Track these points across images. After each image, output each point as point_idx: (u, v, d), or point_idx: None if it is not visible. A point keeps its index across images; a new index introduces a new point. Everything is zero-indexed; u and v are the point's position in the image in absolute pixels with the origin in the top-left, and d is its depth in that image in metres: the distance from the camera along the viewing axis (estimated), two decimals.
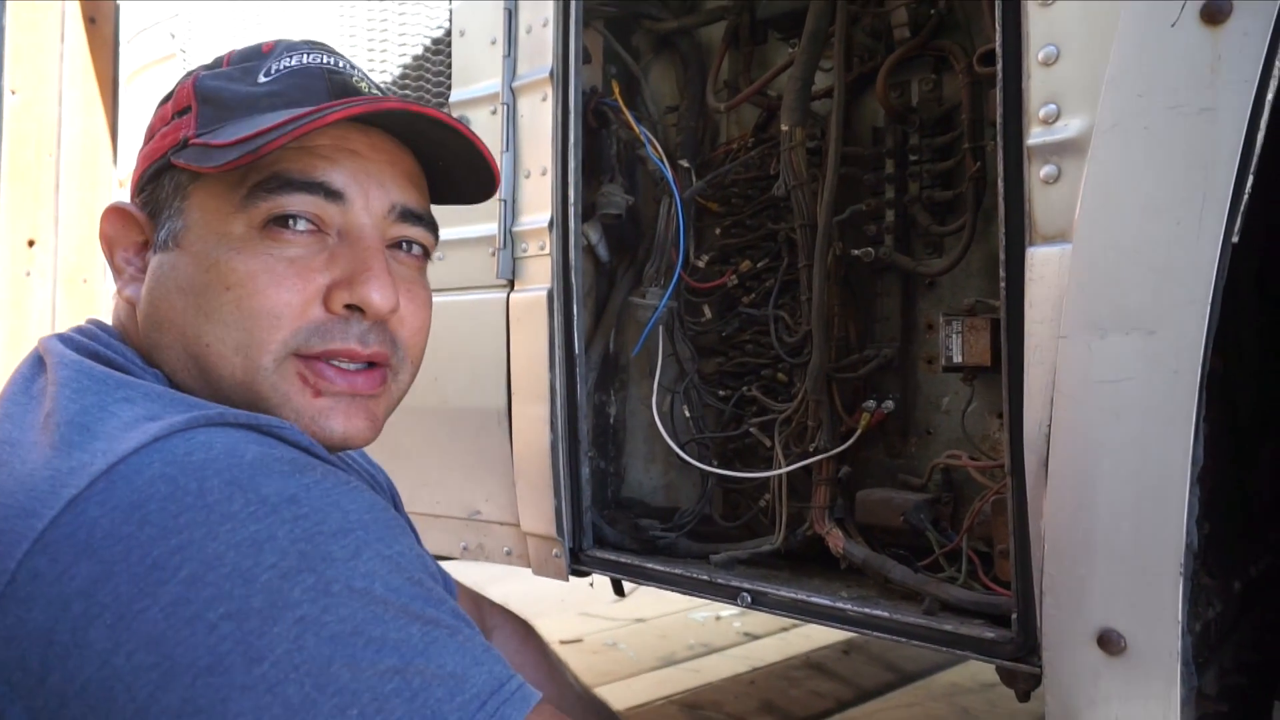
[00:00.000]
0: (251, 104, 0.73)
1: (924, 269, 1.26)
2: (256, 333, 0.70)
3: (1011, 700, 2.42)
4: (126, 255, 0.78)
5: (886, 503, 1.23)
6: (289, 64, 0.75)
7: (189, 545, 0.54)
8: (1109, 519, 0.84)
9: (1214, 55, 0.78)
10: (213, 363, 0.71)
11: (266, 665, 0.53)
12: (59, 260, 2.95)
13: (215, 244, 0.71)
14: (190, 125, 0.73)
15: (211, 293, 0.70)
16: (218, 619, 0.53)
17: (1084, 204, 0.86)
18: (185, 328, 0.71)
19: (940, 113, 1.27)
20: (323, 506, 0.58)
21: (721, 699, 2.42)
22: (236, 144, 0.68)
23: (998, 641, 0.97)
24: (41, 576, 0.54)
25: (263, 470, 0.58)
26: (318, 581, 0.55)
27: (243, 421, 0.63)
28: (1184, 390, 0.79)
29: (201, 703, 0.52)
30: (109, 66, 3.01)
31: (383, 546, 0.59)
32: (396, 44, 1.60)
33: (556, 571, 1.42)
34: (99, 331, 0.75)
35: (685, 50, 1.54)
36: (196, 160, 0.71)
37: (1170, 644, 0.81)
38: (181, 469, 0.56)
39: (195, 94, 0.75)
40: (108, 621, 0.53)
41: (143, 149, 0.79)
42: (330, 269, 0.72)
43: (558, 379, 1.36)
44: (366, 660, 0.54)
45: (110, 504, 0.55)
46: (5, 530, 0.56)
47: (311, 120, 0.68)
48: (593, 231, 1.46)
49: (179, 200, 0.74)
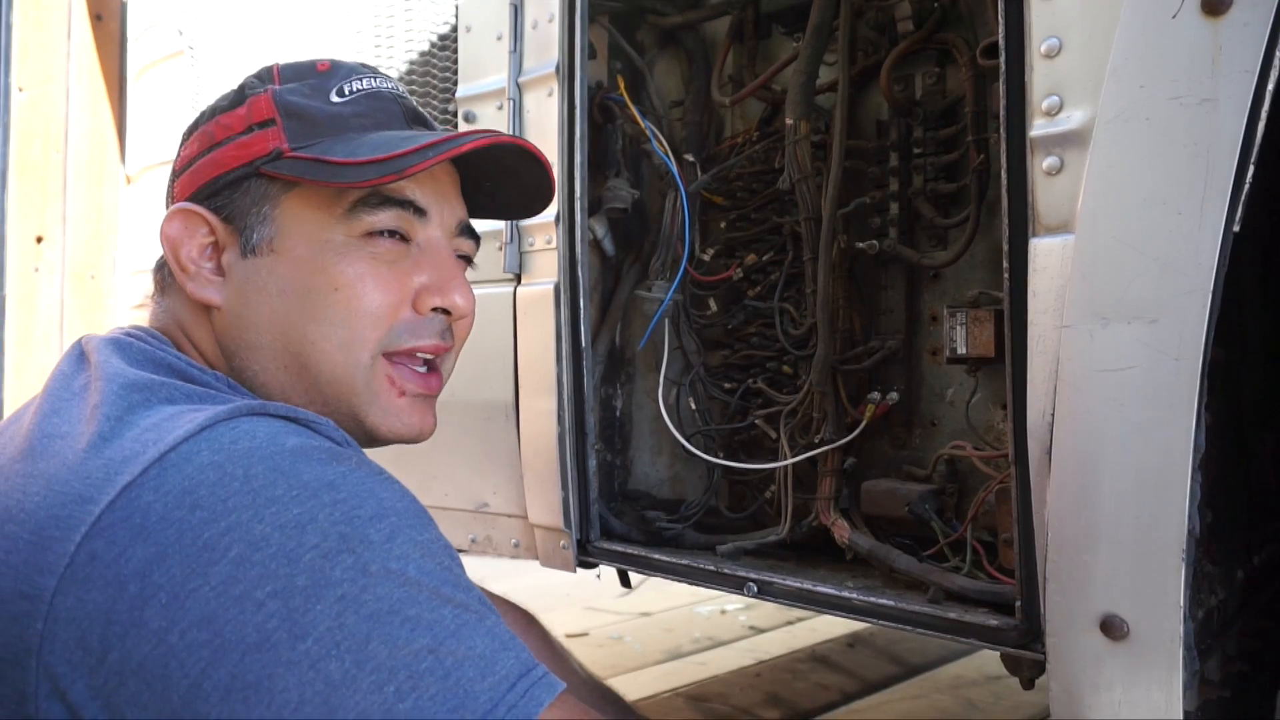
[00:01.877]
0: (340, 123, 0.79)
1: (928, 261, 1.27)
2: (360, 330, 0.77)
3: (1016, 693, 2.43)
4: (193, 256, 0.79)
5: (891, 493, 1.24)
6: (361, 86, 0.81)
7: (237, 527, 0.57)
8: (1112, 506, 0.85)
9: (1215, 46, 0.79)
10: (316, 359, 0.77)
11: (310, 641, 0.55)
12: (67, 256, 2.97)
13: (318, 250, 0.77)
14: (279, 138, 0.77)
15: (319, 294, 0.77)
16: (265, 597, 0.56)
17: (1086, 195, 0.87)
18: (288, 328, 0.77)
19: (944, 106, 1.27)
20: (359, 492, 0.61)
21: (727, 691, 2.43)
22: (371, 163, 0.74)
23: (1002, 629, 0.98)
24: (99, 559, 0.56)
25: (303, 457, 0.61)
26: (356, 562, 0.58)
27: (282, 413, 0.66)
28: (1186, 378, 0.80)
29: (250, 678, 0.55)
30: (115, 63, 3.03)
31: (415, 533, 0.62)
32: (403, 39, 1.61)
33: (564, 563, 1.43)
34: (149, 337, 0.77)
35: (690, 45, 1.55)
36: (313, 174, 0.75)
37: (1172, 629, 0.82)
38: (228, 456, 0.59)
39: (278, 107, 0.78)
40: (163, 601, 0.55)
41: (206, 155, 0.80)
42: (419, 274, 0.81)
43: (565, 372, 1.37)
44: (402, 639, 0.57)
45: (163, 489, 0.58)
46: (62, 516, 0.58)
47: (450, 149, 0.77)
48: (599, 226, 1.47)
49: (268, 207, 0.78)
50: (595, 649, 2.80)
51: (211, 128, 0.81)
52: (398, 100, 0.84)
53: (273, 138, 0.77)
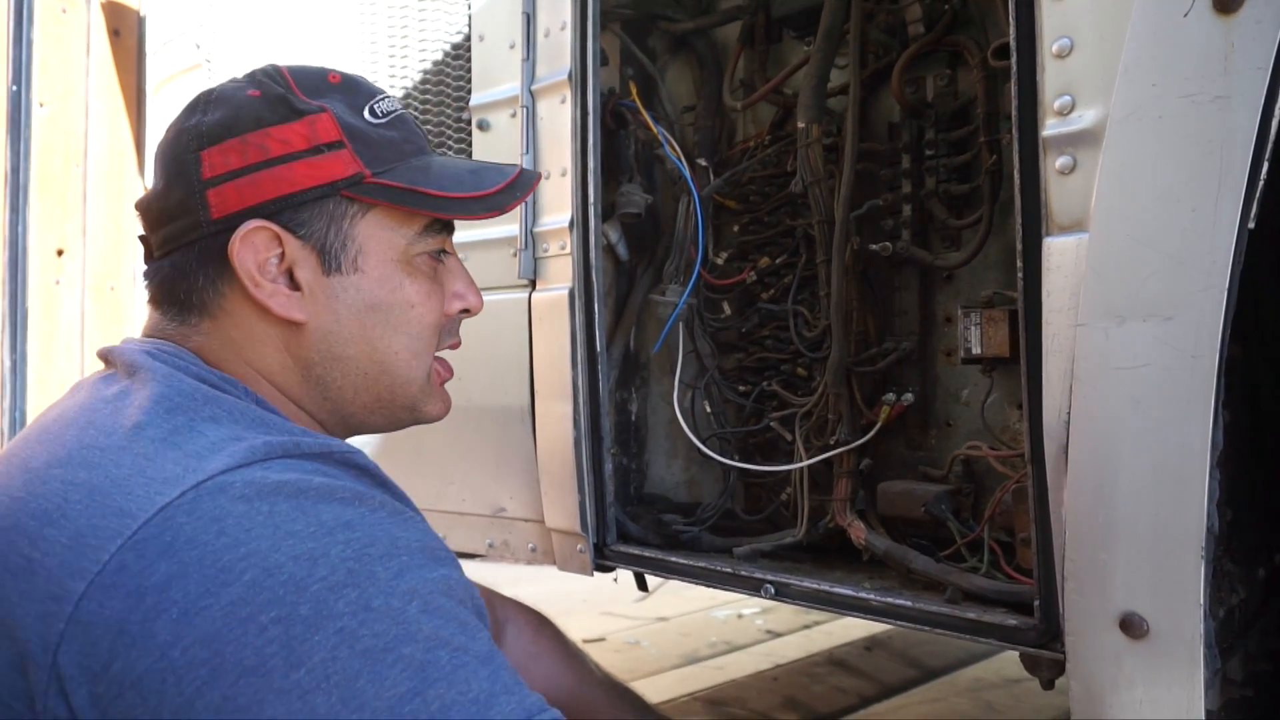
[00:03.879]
0: (398, 148, 0.86)
1: (942, 262, 1.27)
2: (427, 340, 0.88)
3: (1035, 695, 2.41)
4: (267, 273, 0.80)
5: (908, 494, 1.24)
6: (386, 108, 0.88)
7: (255, 554, 0.59)
8: (1130, 504, 0.84)
9: (1227, 44, 0.79)
10: (397, 366, 0.86)
11: (303, 672, 0.57)
12: (87, 269, 3.01)
13: (394, 269, 0.85)
14: (354, 163, 0.82)
15: (400, 310, 0.85)
16: (268, 622, 0.58)
17: (1100, 193, 0.87)
18: (376, 340, 0.85)
19: (955, 107, 1.28)
20: (374, 532, 0.64)
21: (745, 695, 2.43)
22: (475, 199, 0.86)
23: (1021, 628, 0.98)
24: (127, 569, 0.59)
25: (325, 498, 0.65)
26: (359, 596, 0.60)
27: (316, 452, 0.69)
28: (1203, 375, 0.80)
29: (241, 702, 0.56)
30: (133, 77, 3.06)
31: (425, 571, 0.64)
32: (417, 49, 1.63)
33: (581, 567, 1.43)
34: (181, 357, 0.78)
35: (701, 50, 1.55)
36: (414, 204, 0.83)
37: (1192, 627, 0.81)
38: (259, 491, 0.63)
39: (343, 130, 0.82)
40: (173, 616, 0.57)
41: (264, 169, 0.79)
42: (449, 283, 0.91)
43: (580, 377, 1.37)
44: (390, 680, 0.58)
45: (196, 514, 0.60)
46: (101, 526, 0.60)
47: (529, 191, 0.90)
48: (612, 231, 1.48)
49: (347, 226, 0.82)
50: (612, 654, 2.80)
51: (261, 140, 0.79)
52: (416, 123, 0.92)
53: (349, 161, 0.82)
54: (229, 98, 0.82)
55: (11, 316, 2.82)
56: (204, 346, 0.80)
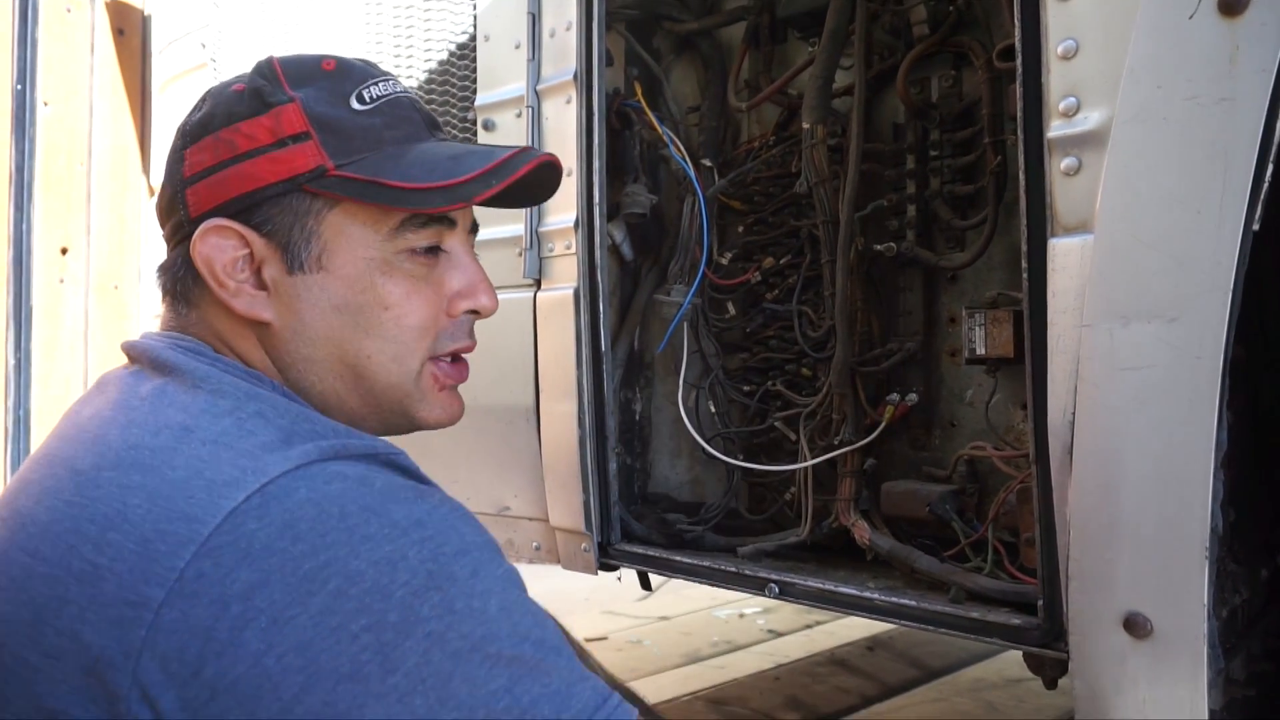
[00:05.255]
0: (374, 136, 0.79)
1: (946, 263, 1.27)
2: (410, 344, 0.81)
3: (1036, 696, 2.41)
4: (231, 272, 0.78)
5: (912, 494, 1.25)
6: (380, 93, 0.81)
7: (335, 561, 0.60)
8: (1134, 504, 0.85)
9: (1232, 46, 0.80)
10: (372, 372, 0.80)
11: (399, 676, 0.58)
12: (91, 267, 3.01)
13: (365, 268, 0.79)
14: (319, 155, 0.77)
15: (370, 312, 0.79)
16: (359, 630, 0.58)
17: (1105, 195, 0.87)
18: (344, 343, 0.80)
19: (960, 108, 1.28)
20: (444, 529, 0.65)
21: (747, 695, 2.43)
22: (436, 190, 0.77)
23: (1024, 628, 0.98)
24: (206, 577, 0.59)
25: (390, 497, 0.65)
26: (443, 599, 0.61)
27: (364, 453, 0.69)
28: (1207, 376, 0.81)
29: (341, 707, 0.57)
30: (137, 77, 3.07)
31: (494, 568, 0.65)
32: (422, 49, 1.63)
33: (585, 565, 1.44)
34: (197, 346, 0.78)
35: (706, 51, 1.56)
36: (372, 197, 0.76)
37: (1196, 627, 0.82)
38: (324, 495, 0.63)
39: (310, 120, 0.77)
40: (262, 625, 0.58)
41: (230, 166, 0.77)
42: (450, 282, 0.84)
43: (585, 376, 1.38)
44: (481, 678, 0.60)
45: (266, 519, 0.61)
46: (169, 531, 0.60)
47: (507, 178, 0.79)
48: (617, 231, 1.49)
49: (311, 223, 0.78)
50: (614, 653, 2.81)
51: (230, 136, 0.78)
52: (415, 107, 0.84)
53: (312, 154, 0.77)
54: (217, 94, 0.81)
55: (16, 314, 2.83)
56: (202, 337, 0.80)
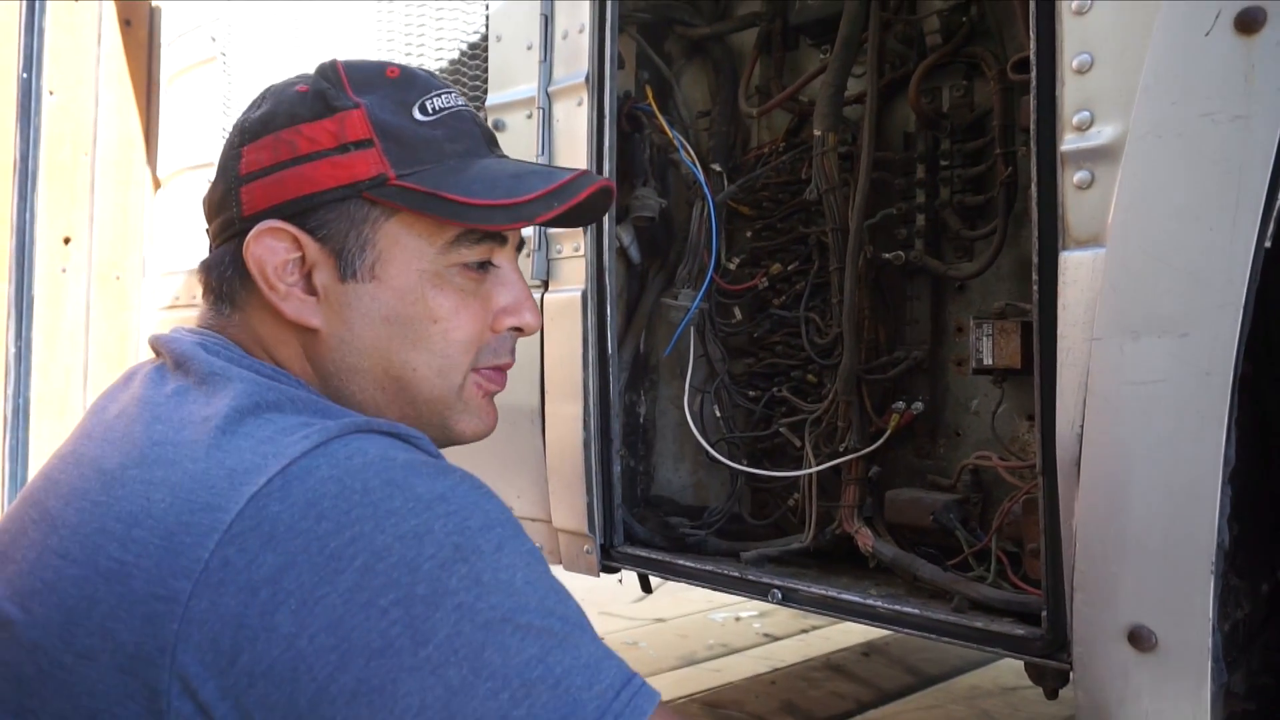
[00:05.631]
0: (436, 148, 0.79)
1: (954, 272, 1.27)
2: (455, 358, 0.81)
3: (1033, 704, 2.41)
4: (282, 275, 0.78)
5: (916, 502, 1.25)
6: (443, 105, 0.81)
7: (360, 538, 0.59)
8: (1141, 518, 0.85)
9: (1248, 64, 0.80)
10: (416, 383, 0.80)
11: (431, 648, 0.58)
12: (94, 257, 3.01)
13: (417, 280, 0.79)
14: (381, 163, 0.76)
15: (419, 325, 0.79)
16: (388, 604, 0.58)
17: (1118, 209, 0.87)
18: (391, 354, 0.79)
19: (971, 118, 1.28)
20: (467, 504, 0.64)
21: (742, 699, 2.43)
22: (501, 207, 0.77)
23: (1028, 638, 0.98)
24: (231, 565, 0.58)
25: (413, 471, 0.64)
26: (470, 571, 0.61)
27: (385, 429, 0.69)
28: (1216, 392, 0.81)
29: (375, 682, 0.57)
30: (143, 68, 3.07)
31: (518, 543, 0.65)
32: (434, 48, 1.64)
33: (587, 567, 1.44)
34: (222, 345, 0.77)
35: (717, 56, 1.56)
36: (434, 209, 0.76)
37: (1201, 641, 0.82)
38: (346, 470, 0.62)
39: (374, 127, 0.77)
40: (292, 607, 0.58)
41: (290, 167, 0.77)
42: (497, 298, 0.84)
43: (591, 378, 1.38)
44: (514, 647, 0.59)
45: (288, 501, 0.60)
46: (192, 523, 0.60)
47: (569, 200, 0.80)
48: (625, 234, 1.49)
49: (368, 231, 0.77)
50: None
51: (292, 137, 0.77)
52: (475, 122, 0.84)
53: (374, 161, 0.76)
54: (279, 93, 0.81)
55: (17, 303, 2.83)
56: (239, 339, 0.79)
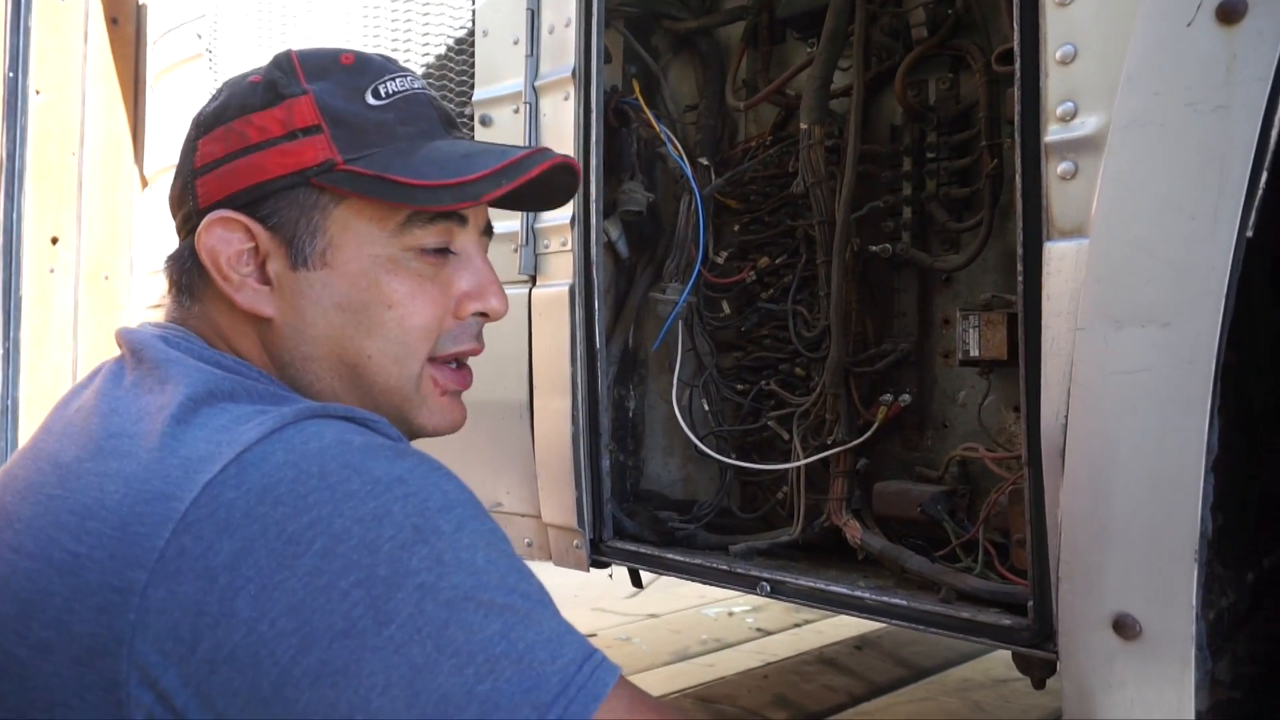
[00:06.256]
0: (387, 132, 0.78)
1: (941, 265, 1.28)
2: (412, 345, 0.79)
3: (1023, 696, 2.42)
4: (235, 265, 0.77)
5: (903, 494, 1.25)
6: (397, 89, 0.80)
7: (319, 521, 0.59)
8: (1125, 506, 0.86)
9: (1229, 54, 0.80)
10: (372, 372, 0.79)
11: (394, 628, 0.58)
12: (81, 257, 2.99)
13: (370, 265, 0.77)
14: (329, 149, 0.75)
15: (373, 311, 0.78)
16: (349, 586, 0.58)
17: (1101, 199, 0.88)
18: (344, 341, 0.78)
19: (957, 111, 1.29)
20: (426, 486, 0.64)
21: (735, 693, 2.44)
22: (447, 187, 0.75)
23: (1014, 628, 0.99)
24: (188, 553, 0.58)
25: (371, 455, 0.64)
26: (430, 552, 0.60)
27: (341, 414, 0.68)
28: (1199, 381, 0.81)
29: (338, 663, 0.57)
30: (130, 67, 3.05)
31: (478, 523, 0.65)
32: (420, 43, 1.63)
33: (577, 562, 1.44)
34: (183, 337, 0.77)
35: (704, 50, 1.56)
36: (379, 193, 0.75)
37: (1185, 628, 0.83)
38: (302, 455, 0.62)
39: (322, 114, 0.76)
40: (251, 592, 0.57)
41: (241, 157, 0.77)
42: (458, 282, 0.82)
43: (579, 373, 1.38)
44: (477, 624, 0.59)
45: (244, 487, 0.60)
46: (146, 513, 0.60)
47: (519, 177, 0.77)
48: (613, 228, 1.49)
49: (318, 218, 0.76)
50: (603, 650, 2.81)
51: (242, 127, 0.77)
52: (432, 104, 0.83)
53: (322, 147, 0.76)
54: (233, 84, 0.81)
55: (5, 304, 2.81)
56: (201, 331, 0.79)
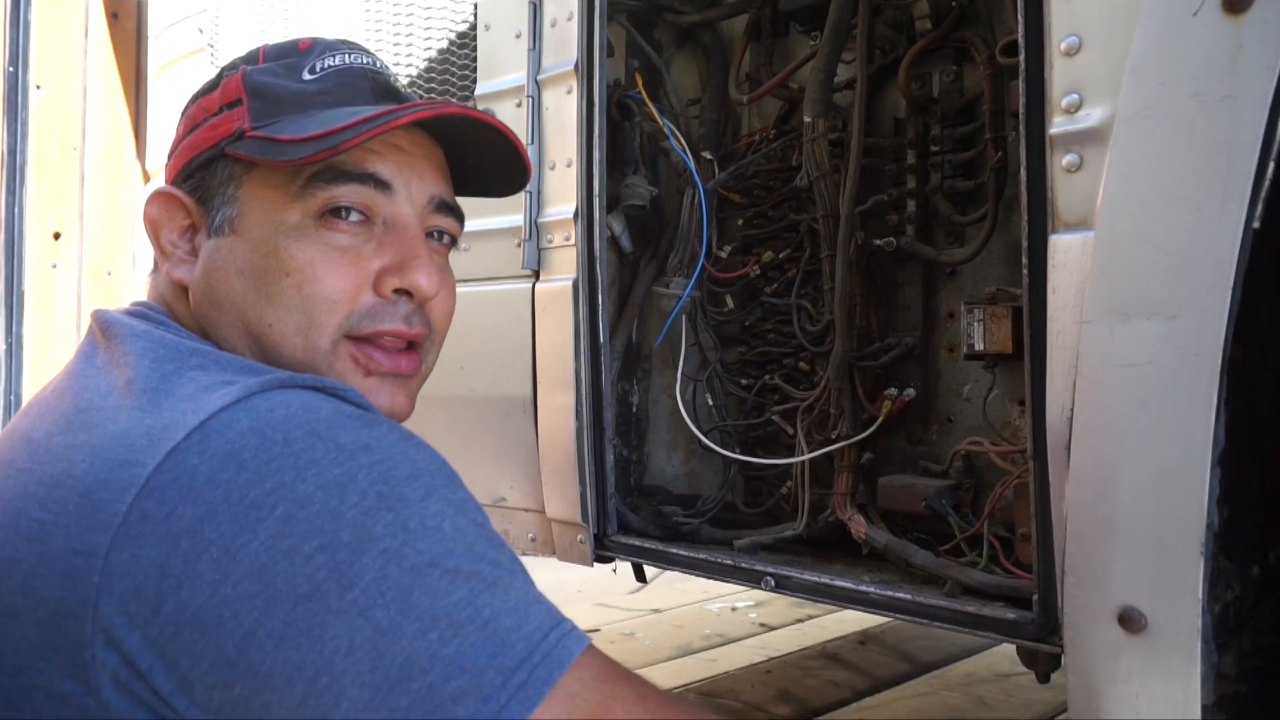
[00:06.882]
0: (304, 100, 0.78)
1: (945, 258, 1.27)
2: (315, 316, 0.76)
3: (1027, 690, 2.42)
4: (172, 238, 0.81)
5: (908, 489, 1.25)
6: (332, 63, 0.81)
7: (282, 487, 0.59)
8: (1131, 500, 0.85)
9: (1235, 44, 0.80)
10: (274, 342, 0.77)
11: (357, 591, 0.57)
12: (84, 252, 2.99)
13: (273, 231, 0.76)
14: (243, 118, 0.78)
15: (272, 278, 0.76)
16: (313, 550, 0.58)
17: (1106, 192, 0.87)
18: (246, 309, 0.77)
19: (961, 103, 1.28)
20: (393, 454, 0.63)
21: (739, 688, 2.44)
22: (311, 140, 0.73)
23: (1019, 622, 0.99)
24: (150, 517, 0.58)
25: (337, 423, 0.63)
26: (395, 519, 0.60)
27: (311, 384, 0.68)
28: (1205, 373, 0.81)
29: (302, 625, 0.56)
30: (131, 61, 3.05)
31: (448, 491, 0.64)
32: (422, 37, 1.63)
33: (581, 557, 1.44)
34: (151, 311, 0.79)
35: (707, 43, 1.56)
36: (262, 153, 0.75)
37: (1191, 622, 0.82)
38: (267, 423, 0.61)
39: (245, 88, 0.79)
40: (214, 555, 0.57)
41: (187, 138, 0.82)
42: (379, 256, 0.78)
43: (583, 368, 1.38)
44: (443, 589, 0.59)
45: (207, 454, 0.60)
46: (110, 479, 0.60)
47: (386, 122, 0.74)
48: (616, 223, 1.48)
49: (232, 188, 0.78)
50: (607, 645, 2.81)
51: (193, 110, 0.82)
52: (369, 75, 0.81)
53: (237, 118, 0.78)
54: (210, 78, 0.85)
55: (8, 300, 2.81)
56: (166, 304, 0.82)
